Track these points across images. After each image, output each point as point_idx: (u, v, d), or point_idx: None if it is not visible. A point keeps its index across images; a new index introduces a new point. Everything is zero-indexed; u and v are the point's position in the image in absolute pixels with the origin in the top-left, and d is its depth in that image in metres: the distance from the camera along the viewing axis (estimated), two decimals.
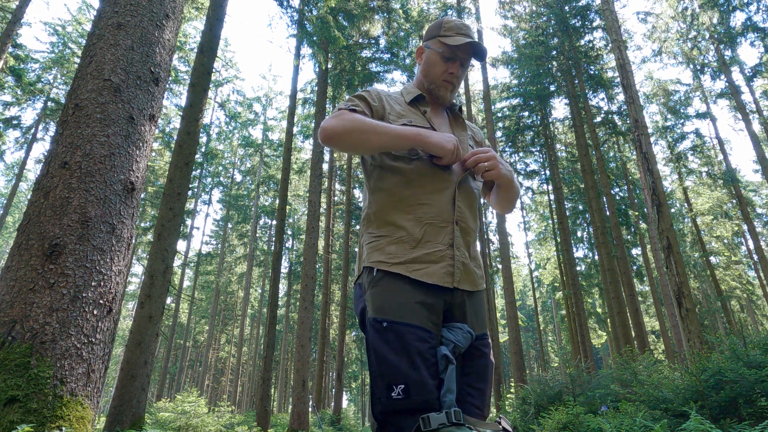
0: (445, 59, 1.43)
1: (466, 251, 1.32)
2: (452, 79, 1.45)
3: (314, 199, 12.65)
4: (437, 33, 1.45)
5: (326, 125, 1.27)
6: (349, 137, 1.25)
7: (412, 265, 1.23)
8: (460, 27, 1.44)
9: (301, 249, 28.93)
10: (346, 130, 1.25)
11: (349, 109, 1.35)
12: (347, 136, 1.25)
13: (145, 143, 2.85)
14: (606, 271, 13.85)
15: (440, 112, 1.51)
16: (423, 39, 1.51)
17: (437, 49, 1.44)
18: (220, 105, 24.27)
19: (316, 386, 16.89)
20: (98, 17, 2.95)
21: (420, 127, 1.35)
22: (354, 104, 1.38)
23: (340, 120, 1.27)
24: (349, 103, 1.39)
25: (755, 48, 16.18)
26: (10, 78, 15.47)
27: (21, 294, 2.18)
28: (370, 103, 1.40)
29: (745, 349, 4.57)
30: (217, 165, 30.36)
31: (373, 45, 16.55)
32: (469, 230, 1.35)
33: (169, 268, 6.09)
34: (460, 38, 1.39)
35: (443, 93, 1.47)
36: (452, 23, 1.45)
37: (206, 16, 7.65)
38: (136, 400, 5.36)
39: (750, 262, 24.98)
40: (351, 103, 1.39)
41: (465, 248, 1.32)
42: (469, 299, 1.30)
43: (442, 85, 1.45)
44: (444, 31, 1.44)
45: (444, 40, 1.41)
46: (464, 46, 1.41)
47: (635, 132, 9.04)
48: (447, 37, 1.42)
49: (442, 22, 1.47)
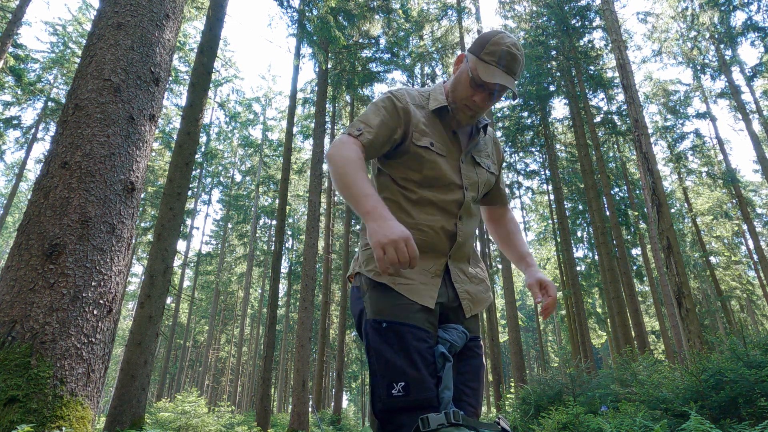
0: (474, 85, 1.30)
1: (463, 275, 1.35)
2: (474, 108, 1.33)
3: (314, 199, 12.64)
4: (479, 51, 1.29)
5: (327, 155, 1.28)
6: (335, 181, 1.24)
7: (397, 278, 1.23)
8: (504, 56, 1.25)
9: (301, 249, 28.93)
10: (334, 173, 1.23)
11: (356, 134, 1.29)
12: (335, 179, 1.23)
13: (145, 143, 2.85)
14: (606, 271, 13.84)
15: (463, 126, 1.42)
16: (469, 48, 1.36)
17: (471, 70, 1.30)
18: (219, 105, 24.27)
19: (316, 386, 16.89)
20: (98, 17, 2.95)
21: (382, 208, 1.15)
22: (364, 126, 1.31)
23: (336, 155, 1.24)
24: (361, 124, 1.31)
25: (755, 48, 16.17)
26: (11, 78, 15.46)
27: (21, 294, 2.18)
28: (385, 122, 1.32)
29: (745, 349, 4.57)
30: (217, 165, 30.37)
31: (373, 45, 16.55)
32: (464, 256, 1.37)
33: (169, 268, 6.09)
34: (494, 72, 1.25)
35: (461, 117, 1.36)
36: (498, 49, 1.26)
37: (206, 16, 7.66)
38: (136, 400, 5.36)
39: (750, 262, 24.97)
40: (362, 124, 1.32)
41: (462, 273, 1.35)
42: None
43: (462, 108, 1.35)
44: (485, 54, 1.27)
45: (478, 67, 1.27)
46: (494, 84, 1.27)
47: (635, 132, 9.04)
48: (484, 63, 1.27)
49: (489, 40, 1.28)
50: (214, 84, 25.33)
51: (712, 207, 22.99)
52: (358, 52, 16.28)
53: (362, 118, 1.33)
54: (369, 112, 1.34)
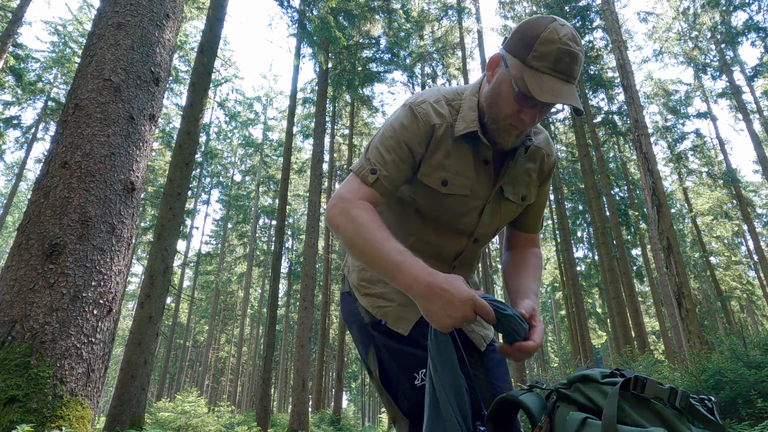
0: (520, 98, 0.96)
1: None
2: (521, 127, 1.00)
3: (314, 199, 12.65)
4: (524, 54, 0.92)
5: (328, 212, 1.02)
6: (346, 246, 0.99)
7: (376, 299, 1.13)
8: (562, 58, 0.90)
9: (301, 249, 28.93)
10: (345, 238, 0.98)
11: (370, 180, 1.03)
12: (344, 242, 0.99)
13: (145, 143, 2.85)
14: (606, 271, 13.84)
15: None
16: (505, 44, 0.99)
17: (514, 80, 0.94)
18: (219, 104, 24.28)
19: (316, 386, 16.89)
20: (98, 17, 2.95)
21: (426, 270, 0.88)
22: (378, 162, 1.04)
23: (343, 215, 0.99)
24: (376, 158, 1.04)
25: (756, 48, 16.19)
26: (11, 77, 15.47)
27: (21, 294, 2.18)
28: (402, 158, 1.04)
29: (745, 350, 4.57)
30: (217, 165, 30.39)
31: (374, 45, 16.56)
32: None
33: (169, 268, 6.09)
34: (550, 84, 0.90)
35: (503, 140, 1.03)
36: (552, 50, 0.90)
37: (207, 16, 7.66)
38: (135, 400, 5.36)
39: (750, 262, 24.97)
40: (376, 158, 1.04)
41: None
42: None
43: (505, 129, 1.01)
44: (534, 59, 0.91)
45: (526, 76, 0.91)
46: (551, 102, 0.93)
47: (635, 132, 9.04)
48: (532, 71, 0.91)
49: (538, 36, 0.91)
50: (214, 83, 25.34)
51: (712, 207, 22.99)
52: (358, 52, 16.28)
53: (375, 154, 1.05)
54: (384, 142, 1.05)
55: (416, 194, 1.11)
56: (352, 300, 1.21)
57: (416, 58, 18.88)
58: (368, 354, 1.13)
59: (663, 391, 0.67)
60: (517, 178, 1.12)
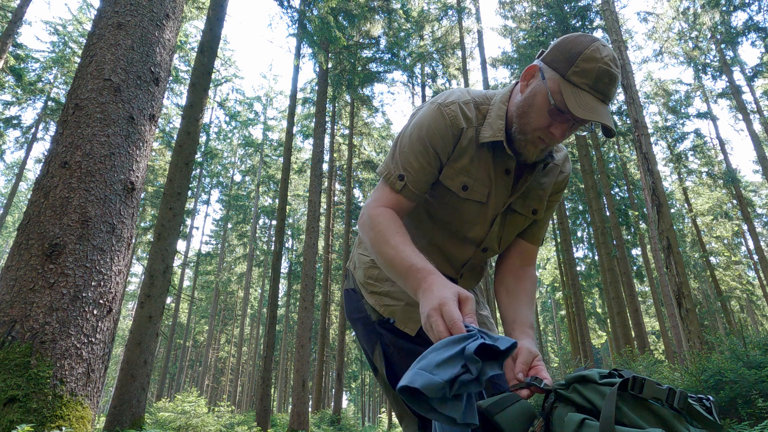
0: (554, 111, 0.95)
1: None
2: (549, 140, 1.00)
3: (314, 199, 12.65)
4: (565, 68, 0.92)
5: (358, 221, 1.07)
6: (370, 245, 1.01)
7: (383, 298, 1.14)
8: (602, 78, 0.90)
9: (301, 249, 28.93)
10: (368, 238, 1.00)
11: (398, 187, 1.04)
12: (368, 243, 1.01)
13: (145, 143, 2.85)
14: (606, 271, 13.84)
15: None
16: (544, 56, 0.99)
17: (551, 92, 0.93)
18: (219, 104, 24.28)
19: (316, 386, 16.89)
20: (98, 17, 2.95)
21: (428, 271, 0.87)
22: (406, 167, 1.04)
23: (371, 217, 1.01)
24: (404, 163, 1.04)
25: (756, 48, 16.20)
26: (11, 77, 15.48)
27: (21, 294, 2.18)
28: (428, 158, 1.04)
29: (745, 350, 4.57)
30: (217, 165, 30.39)
31: (374, 45, 16.56)
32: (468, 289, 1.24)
33: (169, 267, 6.09)
34: (588, 102, 0.89)
35: (528, 152, 1.03)
36: (593, 68, 0.89)
37: (207, 16, 7.66)
38: (135, 400, 5.37)
39: (750, 262, 24.97)
40: (404, 163, 1.04)
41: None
42: None
43: (532, 141, 1.00)
44: (574, 74, 0.90)
45: (564, 91, 0.91)
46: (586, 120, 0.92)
47: (635, 132, 9.04)
48: (571, 86, 0.91)
49: (582, 53, 0.90)
50: (214, 83, 25.33)
51: (712, 207, 23.00)
52: (358, 52, 16.29)
53: (402, 160, 1.05)
54: (413, 146, 1.05)
55: (432, 195, 1.11)
56: (357, 297, 1.20)
57: (416, 58, 18.89)
58: (374, 352, 1.13)
59: (661, 391, 0.67)
60: (530, 191, 1.13)
